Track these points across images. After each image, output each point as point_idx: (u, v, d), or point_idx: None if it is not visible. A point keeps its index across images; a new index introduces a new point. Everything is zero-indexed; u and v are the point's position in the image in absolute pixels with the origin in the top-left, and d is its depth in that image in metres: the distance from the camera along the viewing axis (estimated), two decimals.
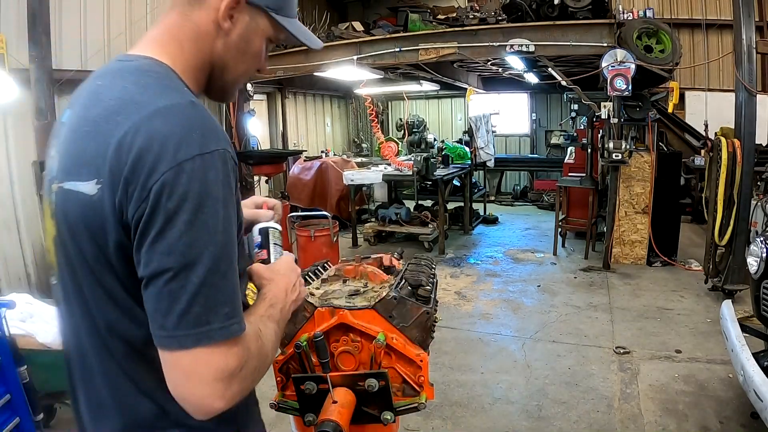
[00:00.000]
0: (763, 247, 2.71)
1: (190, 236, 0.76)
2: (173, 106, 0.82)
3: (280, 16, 0.98)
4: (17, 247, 4.64)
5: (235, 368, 0.80)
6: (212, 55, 0.96)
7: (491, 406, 3.24)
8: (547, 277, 5.80)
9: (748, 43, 4.69)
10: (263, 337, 0.90)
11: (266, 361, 0.90)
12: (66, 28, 5.06)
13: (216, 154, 0.81)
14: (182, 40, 0.93)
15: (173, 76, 0.91)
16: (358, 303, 1.50)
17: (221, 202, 0.80)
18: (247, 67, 1.02)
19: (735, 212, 4.66)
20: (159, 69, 0.90)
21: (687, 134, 8.45)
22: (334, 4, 10.57)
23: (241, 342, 0.82)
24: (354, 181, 7.10)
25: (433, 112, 12.45)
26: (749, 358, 2.46)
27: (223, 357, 0.79)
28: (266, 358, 0.89)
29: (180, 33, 0.93)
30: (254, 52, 1.00)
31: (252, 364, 0.84)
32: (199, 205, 0.77)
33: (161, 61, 0.91)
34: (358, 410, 1.41)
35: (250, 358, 0.83)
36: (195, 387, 0.79)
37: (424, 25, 6.33)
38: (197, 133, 0.80)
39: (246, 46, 0.98)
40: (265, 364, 0.89)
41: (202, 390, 0.78)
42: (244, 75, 1.03)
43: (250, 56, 1.00)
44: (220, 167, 0.81)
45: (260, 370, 0.88)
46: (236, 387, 0.81)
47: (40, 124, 4.59)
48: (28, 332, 2.58)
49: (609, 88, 5.42)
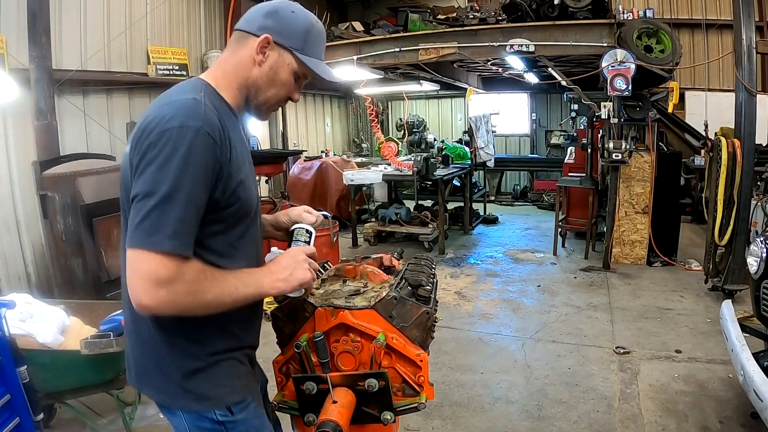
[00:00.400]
0: (763, 247, 2.71)
1: (155, 175, 1.08)
2: (180, 100, 1.16)
3: (302, 54, 1.30)
4: (17, 247, 4.64)
5: (163, 277, 1.06)
6: (248, 80, 1.30)
7: (491, 406, 3.24)
8: (547, 277, 5.80)
9: (748, 43, 4.69)
10: (210, 279, 1.14)
11: (200, 296, 1.12)
12: (66, 28, 5.05)
13: (192, 128, 1.10)
14: (226, 68, 1.30)
15: (202, 87, 1.24)
16: (358, 303, 1.50)
17: (184, 160, 1.08)
18: (276, 91, 1.32)
19: (735, 212, 4.66)
20: (196, 83, 1.26)
21: (687, 134, 8.44)
22: (334, 4, 10.56)
23: (175, 261, 1.07)
24: (354, 181, 7.10)
25: (433, 112, 12.45)
26: (749, 358, 2.46)
27: (155, 263, 1.06)
28: (201, 294, 1.12)
29: (226, 64, 1.31)
30: (282, 80, 1.31)
31: (182, 287, 1.09)
32: (168, 158, 1.08)
33: (203, 80, 1.29)
34: (358, 410, 1.41)
35: (181, 280, 1.08)
36: (132, 279, 1.08)
37: (424, 25, 6.33)
38: (184, 114, 1.12)
39: (274, 75, 1.30)
40: (198, 298, 1.12)
41: (136, 283, 1.07)
42: (273, 98, 1.34)
43: (278, 83, 1.31)
44: (191, 137, 1.10)
45: (191, 298, 1.11)
46: (163, 294, 1.07)
47: (40, 124, 4.59)
48: (28, 332, 2.58)
49: (609, 88, 5.42)
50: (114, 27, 5.58)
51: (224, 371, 1.27)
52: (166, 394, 1.27)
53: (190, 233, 1.11)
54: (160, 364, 1.24)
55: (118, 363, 2.78)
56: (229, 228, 1.25)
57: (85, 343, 2.52)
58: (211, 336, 1.25)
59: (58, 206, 4.30)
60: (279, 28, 1.28)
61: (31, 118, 4.60)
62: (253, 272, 1.25)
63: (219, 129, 1.16)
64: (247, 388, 1.34)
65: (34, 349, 2.53)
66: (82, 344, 2.52)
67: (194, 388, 1.24)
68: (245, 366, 1.35)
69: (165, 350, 1.23)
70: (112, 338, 2.53)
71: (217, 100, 1.26)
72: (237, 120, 1.32)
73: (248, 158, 1.34)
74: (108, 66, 5.56)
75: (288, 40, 1.28)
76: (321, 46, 1.37)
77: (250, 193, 1.29)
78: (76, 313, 2.99)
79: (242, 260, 1.28)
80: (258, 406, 1.37)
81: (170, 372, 1.24)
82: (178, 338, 1.22)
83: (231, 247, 1.27)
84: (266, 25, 1.27)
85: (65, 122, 5.00)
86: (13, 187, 4.59)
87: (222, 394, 1.26)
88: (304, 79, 1.36)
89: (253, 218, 1.33)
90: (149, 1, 6.09)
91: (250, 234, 1.33)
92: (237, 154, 1.23)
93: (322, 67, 1.35)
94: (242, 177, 1.24)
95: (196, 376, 1.24)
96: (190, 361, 1.24)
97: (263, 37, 1.26)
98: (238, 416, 1.28)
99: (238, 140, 1.28)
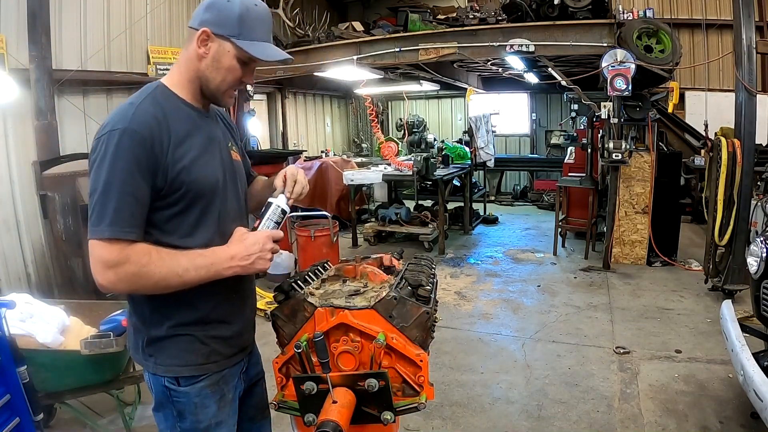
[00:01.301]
0: (763, 247, 2.71)
1: (94, 176, 1.26)
2: (119, 107, 1.33)
3: (240, 40, 1.37)
4: (17, 247, 4.63)
5: (109, 260, 1.23)
6: (197, 73, 1.41)
7: (491, 406, 3.24)
8: (547, 277, 5.80)
9: (748, 43, 4.69)
10: (158, 261, 1.26)
11: (148, 277, 1.26)
12: (66, 28, 5.06)
13: (119, 130, 1.25)
14: (180, 66, 1.44)
15: (151, 89, 1.39)
16: (358, 303, 1.50)
17: (113, 158, 1.24)
18: (224, 78, 1.41)
19: (735, 212, 4.66)
20: (147, 87, 1.40)
21: (687, 134, 8.44)
22: (334, 4, 10.57)
23: (117, 246, 1.23)
24: (354, 181, 7.10)
25: (433, 112, 12.44)
26: (749, 358, 2.46)
27: (101, 249, 1.23)
28: (149, 274, 1.25)
29: (180, 61, 1.44)
30: (227, 67, 1.40)
31: (130, 267, 1.24)
32: (101, 159, 1.25)
33: (160, 81, 1.43)
34: (358, 410, 1.41)
35: (127, 262, 1.23)
36: (93, 265, 1.25)
37: (424, 25, 6.32)
38: (114, 120, 1.28)
39: (218, 64, 1.39)
40: (145, 278, 1.26)
41: (92, 267, 1.25)
42: (224, 85, 1.43)
43: (223, 71, 1.40)
44: (118, 138, 1.25)
45: (138, 278, 1.25)
46: (111, 275, 1.24)
47: (40, 124, 4.59)
48: (28, 332, 2.58)
49: (609, 88, 5.41)
50: (114, 27, 5.58)
51: (181, 345, 1.40)
52: (136, 353, 1.47)
53: (128, 219, 1.25)
54: (134, 328, 1.46)
55: (118, 363, 2.78)
56: (184, 210, 1.36)
57: (85, 343, 2.52)
58: (173, 309, 1.39)
59: (58, 206, 4.31)
60: (216, 19, 1.36)
61: (31, 118, 4.60)
62: (209, 254, 1.34)
63: (152, 125, 1.29)
64: (204, 367, 1.43)
65: (34, 349, 2.53)
66: (82, 344, 2.52)
67: (153, 353, 1.41)
68: (206, 346, 1.43)
69: (136, 317, 1.44)
70: (112, 338, 2.54)
71: (167, 98, 1.39)
72: (196, 111, 1.45)
73: (207, 142, 1.44)
74: (108, 66, 5.56)
75: (225, 29, 1.36)
76: (261, 27, 1.41)
77: (200, 175, 1.37)
78: (76, 313, 2.99)
79: (201, 239, 1.38)
80: (212, 390, 1.44)
81: (138, 336, 1.44)
82: (146, 308, 1.40)
83: (191, 227, 1.38)
84: (205, 19, 1.36)
85: (65, 122, 5.00)
86: (13, 187, 4.59)
87: (173, 365, 1.40)
88: (253, 63, 1.43)
89: (210, 198, 1.41)
90: (149, 1, 6.09)
91: (211, 213, 1.42)
92: (181, 141, 1.35)
93: (260, 49, 1.39)
94: (186, 162, 1.34)
95: (156, 343, 1.41)
96: (152, 330, 1.40)
97: (201, 31, 1.36)
98: (181, 389, 1.41)
99: (187, 129, 1.39)
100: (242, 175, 1.60)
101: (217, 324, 1.45)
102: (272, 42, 1.46)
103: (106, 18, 5.52)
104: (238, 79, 1.43)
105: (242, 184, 1.59)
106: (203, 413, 1.43)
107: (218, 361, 1.45)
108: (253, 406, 1.68)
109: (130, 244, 1.25)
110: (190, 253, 1.32)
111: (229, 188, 1.49)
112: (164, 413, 1.45)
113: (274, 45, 1.46)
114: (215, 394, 1.45)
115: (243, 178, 1.61)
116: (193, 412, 1.42)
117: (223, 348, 1.47)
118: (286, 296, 1.55)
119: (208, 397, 1.44)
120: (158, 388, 1.43)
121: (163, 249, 1.29)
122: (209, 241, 1.38)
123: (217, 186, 1.43)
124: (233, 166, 1.53)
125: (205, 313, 1.42)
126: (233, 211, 1.49)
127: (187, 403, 1.42)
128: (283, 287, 1.56)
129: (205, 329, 1.42)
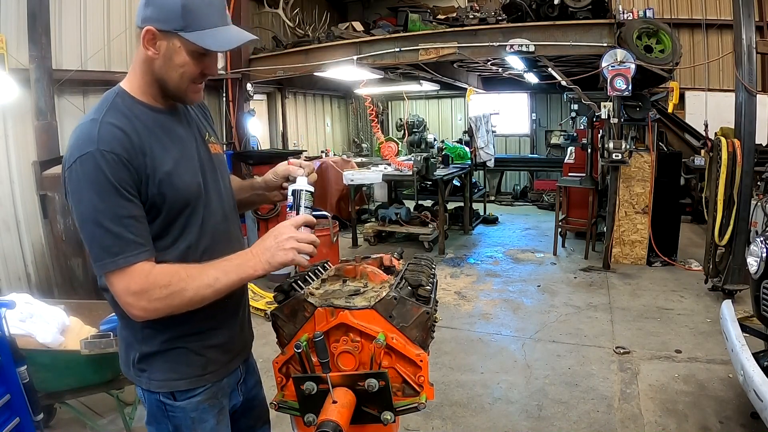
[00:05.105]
0: (763, 247, 2.71)
1: (77, 210, 1.18)
2: (80, 127, 1.23)
3: (187, 32, 1.23)
4: (17, 247, 4.63)
5: (135, 289, 1.16)
6: (153, 74, 1.29)
7: (491, 406, 3.24)
8: (547, 277, 5.80)
9: (748, 43, 4.69)
10: (186, 278, 1.20)
11: (180, 295, 1.19)
12: (66, 28, 5.05)
13: (87, 155, 1.16)
14: (136, 68, 1.32)
15: (111, 98, 1.29)
16: (358, 303, 1.49)
17: (90, 187, 1.15)
18: (182, 74, 1.28)
19: (735, 212, 4.66)
20: (106, 96, 1.31)
21: (687, 134, 8.44)
22: (334, 4, 10.56)
23: (139, 269, 1.17)
24: (354, 181, 7.10)
25: (433, 112, 12.44)
26: (749, 358, 2.46)
27: (123, 279, 1.17)
28: (181, 293, 1.19)
29: (135, 64, 1.32)
30: (181, 63, 1.27)
31: (159, 291, 1.17)
32: (78, 191, 1.17)
33: (120, 86, 1.33)
34: (358, 410, 1.41)
35: (155, 286, 1.17)
36: (120, 299, 1.19)
37: (424, 25, 6.33)
38: (79, 144, 1.18)
39: (171, 63, 1.27)
40: (178, 297, 1.19)
41: (124, 300, 1.18)
42: (185, 81, 1.30)
43: (178, 69, 1.27)
44: (90, 165, 1.15)
45: (171, 299, 1.19)
46: (144, 303, 1.17)
47: (40, 124, 4.59)
48: (28, 332, 2.58)
49: (609, 88, 5.41)
50: (114, 27, 5.58)
51: (176, 358, 1.35)
52: (127, 369, 1.41)
53: (133, 242, 1.18)
54: (125, 344, 1.40)
55: (118, 363, 2.79)
56: (171, 222, 1.29)
57: (85, 343, 2.52)
58: (167, 322, 1.28)
59: (58, 206, 4.30)
60: (158, 15, 1.22)
61: (31, 118, 4.60)
62: (234, 259, 1.28)
63: (122, 139, 1.20)
64: (202, 378, 1.38)
65: (34, 349, 2.53)
66: (82, 344, 2.52)
67: (146, 368, 1.35)
68: (202, 357, 1.38)
69: (127, 332, 1.37)
70: (112, 338, 2.54)
71: (130, 106, 1.28)
72: (163, 114, 1.34)
73: (182, 146, 1.35)
74: (108, 66, 5.55)
75: (169, 24, 1.22)
76: (210, 12, 1.25)
77: (182, 183, 1.29)
78: (76, 313, 2.99)
79: (184, 244, 1.32)
80: (210, 404, 1.40)
81: (129, 352, 1.37)
82: (137, 323, 1.28)
83: (174, 239, 1.31)
84: (147, 16, 1.24)
85: (65, 122, 5.00)
86: (13, 187, 4.58)
87: (169, 379, 1.34)
88: (210, 52, 1.29)
89: (194, 205, 1.34)
90: None
91: (195, 219, 1.34)
92: (155, 151, 1.26)
93: (213, 38, 1.25)
94: (167, 170, 1.26)
95: (149, 359, 1.34)
96: (145, 345, 1.34)
97: (144, 30, 1.23)
98: (177, 403, 1.35)
99: (159, 137, 1.29)
100: (223, 167, 1.51)
101: (212, 332, 1.40)
102: (229, 23, 1.31)
103: (106, 18, 5.51)
104: (198, 74, 1.30)
105: (224, 178, 1.50)
106: (201, 428, 1.38)
107: (216, 371, 1.42)
108: (254, 416, 1.65)
109: (148, 263, 1.19)
110: (217, 262, 1.26)
111: (211, 188, 1.41)
112: (158, 428, 1.38)
113: (234, 25, 1.32)
114: (213, 408, 1.41)
115: (225, 170, 1.51)
116: (191, 427, 1.36)
117: (220, 355, 1.43)
118: (286, 296, 1.55)
119: (206, 411, 1.39)
120: (152, 402, 1.37)
121: (186, 264, 1.24)
122: (191, 245, 1.32)
123: (200, 190, 1.36)
124: (213, 164, 1.44)
125: (200, 322, 1.35)
126: (217, 211, 1.42)
127: (184, 419, 1.36)
128: (283, 287, 1.56)
129: (200, 339, 1.37)
